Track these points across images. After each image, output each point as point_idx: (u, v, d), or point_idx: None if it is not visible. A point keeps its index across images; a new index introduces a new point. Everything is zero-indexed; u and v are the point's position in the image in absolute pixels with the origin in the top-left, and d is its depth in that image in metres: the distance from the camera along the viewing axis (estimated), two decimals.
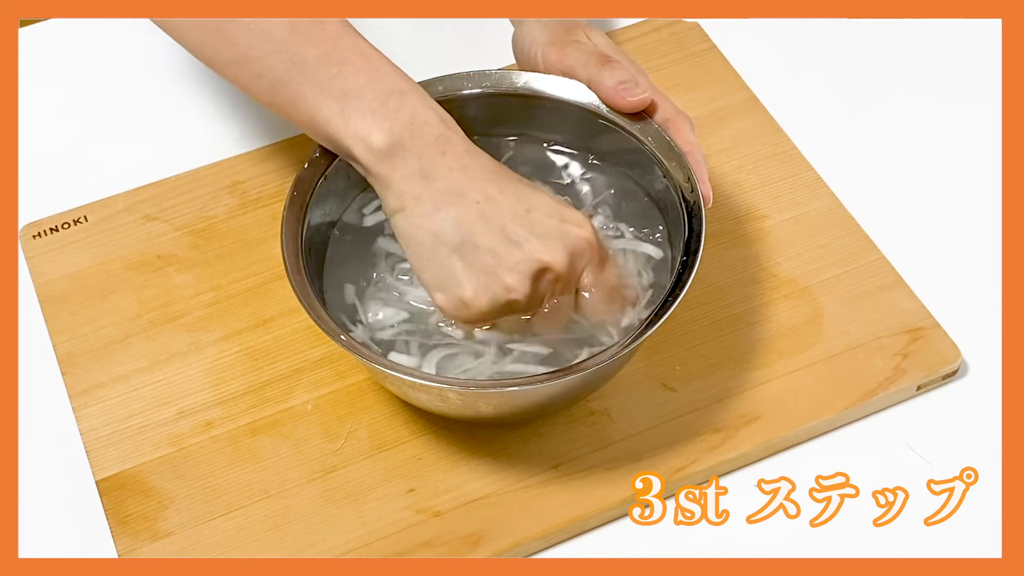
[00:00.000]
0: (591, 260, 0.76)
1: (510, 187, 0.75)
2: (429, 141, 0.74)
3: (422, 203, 0.74)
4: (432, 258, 0.74)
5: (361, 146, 0.74)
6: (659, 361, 0.83)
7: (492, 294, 0.74)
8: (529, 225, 0.74)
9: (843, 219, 0.89)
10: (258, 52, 0.75)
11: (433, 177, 0.74)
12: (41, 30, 1.03)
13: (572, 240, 0.75)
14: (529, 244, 0.74)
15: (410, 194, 0.74)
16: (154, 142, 0.96)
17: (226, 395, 0.82)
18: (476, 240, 0.73)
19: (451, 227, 0.73)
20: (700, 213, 0.76)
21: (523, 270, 0.74)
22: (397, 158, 0.74)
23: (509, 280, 0.74)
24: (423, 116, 0.74)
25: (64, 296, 0.87)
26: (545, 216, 0.74)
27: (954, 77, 1.00)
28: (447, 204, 0.74)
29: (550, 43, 0.82)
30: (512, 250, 0.73)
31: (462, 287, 0.74)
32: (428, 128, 0.74)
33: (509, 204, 0.74)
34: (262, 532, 0.77)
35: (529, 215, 0.74)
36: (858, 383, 0.82)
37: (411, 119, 0.74)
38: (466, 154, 0.75)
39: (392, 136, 0.74)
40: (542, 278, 0.74)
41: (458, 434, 0.80)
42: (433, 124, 0.75)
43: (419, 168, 0.74)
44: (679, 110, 0.80)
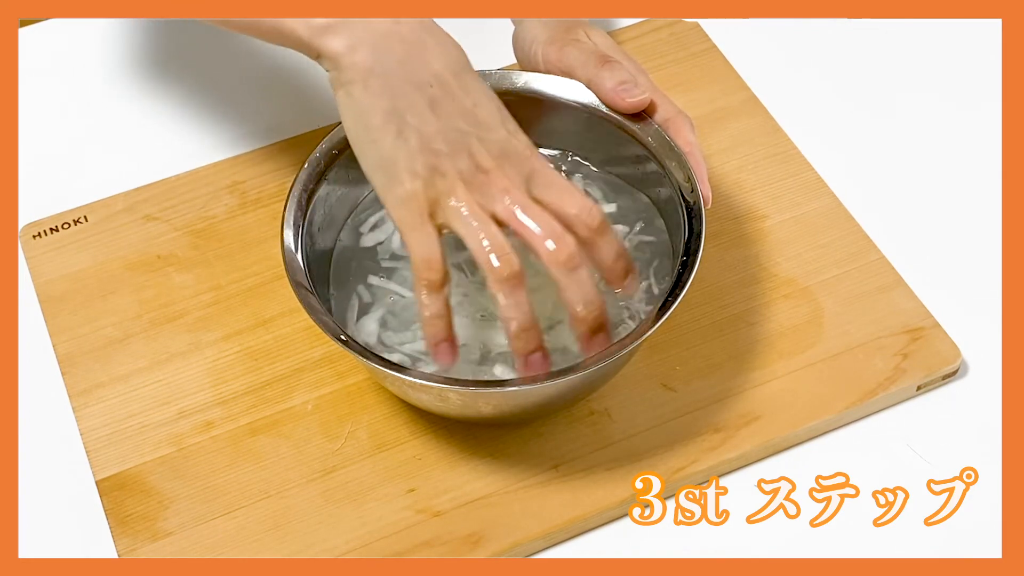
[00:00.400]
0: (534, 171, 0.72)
1: (463, 76, 0.72)
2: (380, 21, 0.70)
3: (373, 76, 0.70)
4: (378, 141, 0.70)
5: (303, 25, 0.70)
6: (659, 361, 0.83)
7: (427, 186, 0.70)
8: (474, 123, 0.71)
9: (843, 219, 0.89)
10: None
11: (385, 48, 0.70)
12: (41, 30, 1.03)
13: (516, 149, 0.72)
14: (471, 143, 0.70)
15: (360, 66, 0.70)
16: (154, 142, 0.96)
17: (226, 395, 0.82)
18: (422, 127, 0.70)
19: (400, 109, 0.70)
20: (700, 213, 0.76)
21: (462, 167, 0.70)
22: (343, 28, 0.69)
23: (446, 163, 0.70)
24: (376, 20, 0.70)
25: (64, 296, 0.87)
26: (489, 116, 0.71)
27: (954, 77, 1.00)
28: (399, 81, 0.70)
29: (550, 42, 0.82)
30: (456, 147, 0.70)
31: (401, 174, 0.70)
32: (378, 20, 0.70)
33: (459, 96, 0.71)
34: (262, 532, 0.77)
35: (475, 111, 0.71)
36: (858, 383, 0.82)
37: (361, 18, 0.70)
38: (421, 26, 0.71)
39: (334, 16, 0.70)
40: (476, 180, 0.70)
41: (458, 434, 0.80)
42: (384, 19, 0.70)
43: (369, 40, 0.70)
44: (679, 110, 0.80)
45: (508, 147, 0.71)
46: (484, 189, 0.71)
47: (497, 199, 0.71)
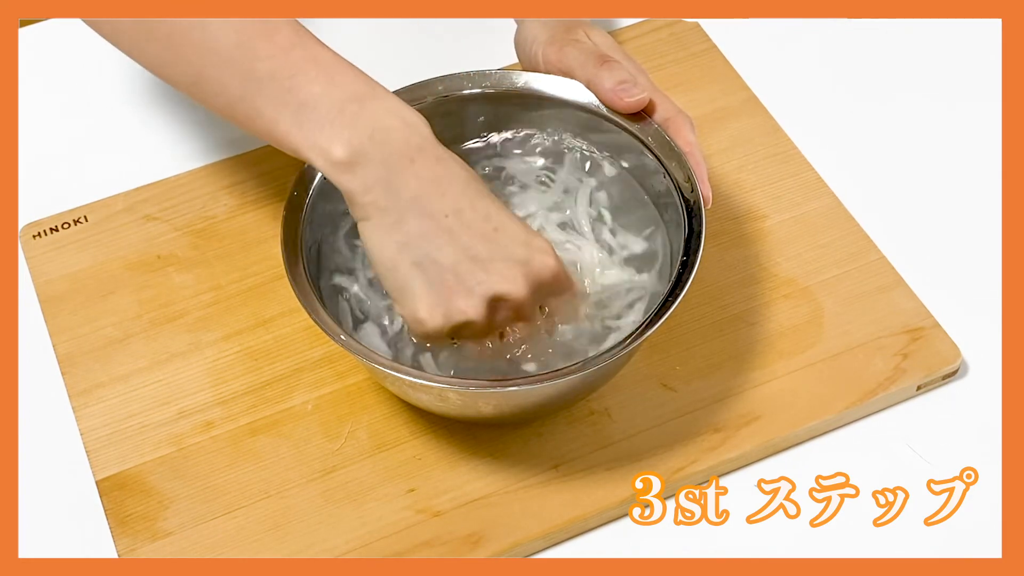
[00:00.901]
0: (553, 291, 0.75)
1: (480, 203, 0.73)
2: (395, 148, 0.72)
3: (387, 214, 0.72)
4: (394, 269, 0.73)
5: (321, 159, 0.72)
6: (659, 361, 0.83)
7: (446, 312, 0.73)
8: (495, 247, 0.73)
9: (843, 219, 0.90)
10: (212, 71, 0.73)
11: (399, 187, 0.72)
12: (41, 30, 1.03)
13: (536, 268, 0.74)
14: (491, 268, 0.72)
15: (374, 205, 0.72)
16: (154, 142, 0.96)
17: (226, 395, 0.82)
18: (439, 256, 0.72)
19: (415, 239, 0.72)
20: (700, 213, 0.76)
21: (480, 293, 0.72)
22: (359, 167, 0.71)
23: (464, 303, 0.72)
24: (386, 122, 0.72)
25: (64, 296, 0.87)
26: (511, 239, 0.73)
27: (954, 77, 1.00)
28: (414, 215, 0.72)
29: (550, 42, 0.82)
30: (474, 271, 0.72)
31: (418, 302, 0.73)
32: (393, 135, 0.72)
33: (478, 222, 0.73)
34: (262, 532, 0.77)
35: (496, 235, 0.73)
36: (858, 383, 0.82)
37: (372, 127, 0.71)
38: (437, 162, 0.73)
39: (351, 147, 0.71)
40: (499, 304, 0.73)
41: (458, 434, 0.80)
42: (398, 130, 0.72)
43: (384, 178, 0.71)
44: (679, 109, 0.80)
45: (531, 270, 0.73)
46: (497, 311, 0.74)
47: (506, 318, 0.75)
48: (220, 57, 0.72)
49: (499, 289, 0.73)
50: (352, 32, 0.81)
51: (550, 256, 0.74)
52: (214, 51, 0.72)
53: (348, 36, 0.77)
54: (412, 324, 0.74)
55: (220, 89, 0.73)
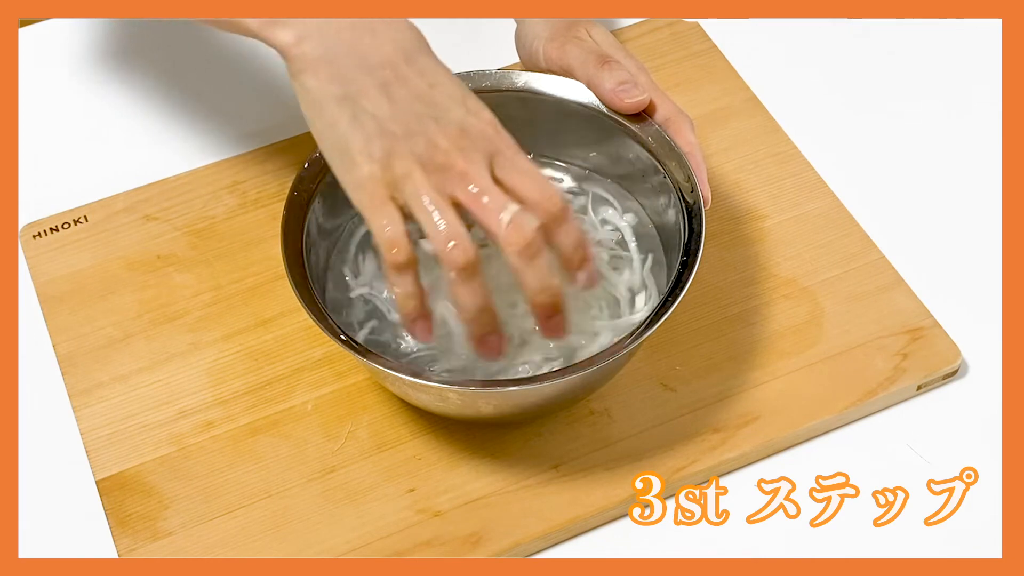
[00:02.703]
0: (496, 151, 0.70)
1: (418, 58, 0.71)
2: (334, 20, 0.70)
3: (322, 64, 0.69)
4: (333, 126, 0.70)
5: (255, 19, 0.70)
6: (659, 361, 0.83)
7: (384, 162, 0.69)
8: (430, 104, 0.70)
9: (843, 219, 0.89)
10: None
11: (333, 36, 0.69)
12: (41, 30, 1.03)
13: (471, 124, 0.70)
14: (427, 122, 0.69)
15: (309, 56, 0.69)
16: (154, 142, 0.96)
17: (226, 395, 0.82)
18: (376, 111, 0.69)
19: (352, 95, 0.69)
20: (700, 213, 0.76)
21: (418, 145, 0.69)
22: (290, 20, 0.69)
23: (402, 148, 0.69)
24: None
25: (64, 296, 0.87)
26: (447, 96, 0.71)
27: (954, 77, 1.00)
28: (349, 68, 0.69)
29: (551, 39, 0.82)
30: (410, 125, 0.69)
31: (356, 154, 0.69)
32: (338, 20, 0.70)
33: (414, 77, 0.70)
34: (262, 532, 0.77)
35: (432, 91, 0.70)
36: (858, 383, 0.82)
37: None
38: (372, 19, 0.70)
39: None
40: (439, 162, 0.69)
41: (458, 434, 0.80)
42: None
43: (317, 26, 0.69)
44: (679, 110, 0.80)
45: (468, 126, 0.70)
46: (442, 172, 0.69)
47: (456, 182, 0.69)
48: None
49: (435, 141, 0.69)
50: None
51: (485, 112, 0.72)
52: None
53: None
54: (353, 184, 0.70)
55: None
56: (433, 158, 0.69)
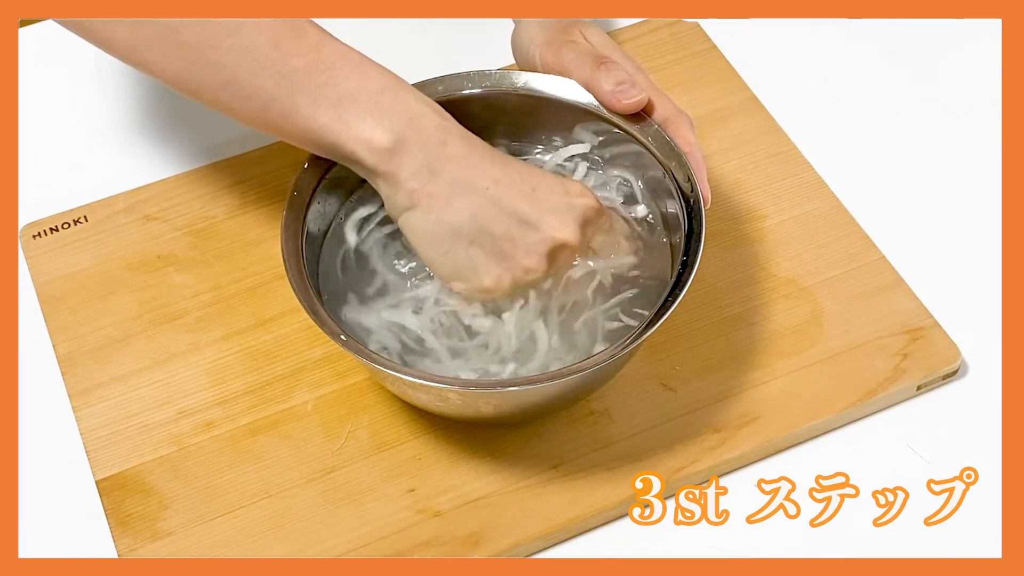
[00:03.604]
0: (599, 226, 0.77)
1: (513, 167, 0.76)
2: (430, 133, 0.74)
3: (434, 198, 0.74)
4: (450, 251, 0.75)
5: (364, 148, 0.74)
6: (659, 361, 0.83)
7: (513, 278, 0.76)
8: (538, 203, 0.75)
9: (843, 219, 0.90)
10: (245, 72, 0.73)
11: (440, 169, 0.74)
12: (41, 30, 1.03)
13: (580, 211, 0.76)
14: (543, 223, 0.75)
15: (421, 191, 0.74)
16: (154, 142, 0.96)
17: (226, 395, 0.82)
18: (492, 228, 0.74)
19: (467, 218, 0.74)
20: (700, 213, 0.76)
21: (541, 251, 0.75)
22: (402, 154, 0.74)
23: (528, 263, 0.75)
24: (419, 109, 0.74)
25: (64, 296, 0.87)
26: (550, 192, 0.76)
27: (954, 77, 1.00)
28: (459, 195, 0.74)
29: (547, 43, 0.82)
30: (527, 232, 0.75)
31: (482, 276, 0.75)
32: (427, 120, 0.74)
33: (516, 185, 0.75)
34: (262, 532, 0.77)
35: (536, 193, 0.75)
36: (858, 383, 0.82)
37: (408, 115, 0.74)
38: (464, 141, 0.75)
39: (394, 133, 0.73)
40: (559, 254, 0.76)
41: (458, 434, 0.80)
42: (430, 116, 0.75)
43: (425, 162, 0.74)
44: (679, 109, 0.80)
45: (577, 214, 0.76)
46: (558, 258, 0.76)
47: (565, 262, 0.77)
48: (255, 56, 0.73)
49: (556, 239, 0.75)
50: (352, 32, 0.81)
51: (588, 196, 0.77)
52: (248, 51, 0.73)
53: (348, 36, 0.77)
54: (478, 295, 0.77)
55: (254, 91, 0.74)
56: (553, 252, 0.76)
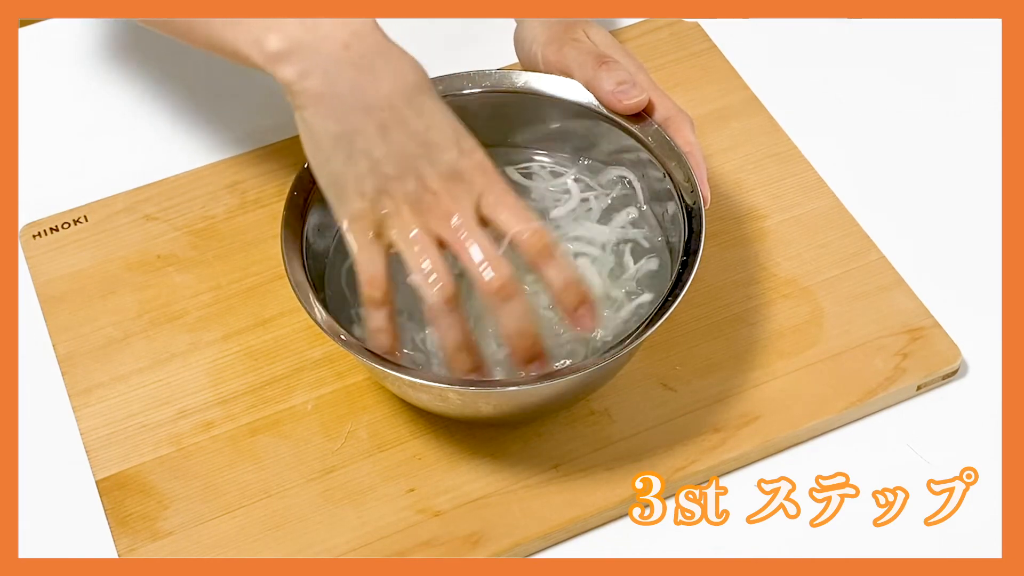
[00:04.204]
0: (485, 191, 0.72)
1: (416, 98, 0.72)
2: (328, 32, 0.70)
3: (322, 102, 0.70)
4: (328, 162, 0.72)
5: (256, 50, 0.71)
6: (659, 361, 0.83)
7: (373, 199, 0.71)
8: (425, 146, 0.71)
9: (843, 219, 0.90)
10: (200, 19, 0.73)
11: (335, 75, 0.70)
12: (41, 30, 1.03)
13: (462, 167, 0.72)
14: (420, 164, 0.71)
15: (310, 93, 0.70)
16: (154, 142, 0.96)
17: (226, 395, 0.82)
18: (371, 150, 0.71)
19: (349, 134, 0.71)
20: (700, 213, 0.76)
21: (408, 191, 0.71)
22: (295, 55, 0.70)
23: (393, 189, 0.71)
24: (330, 20, 0.71)
25: (64, 296, 0.87)
26: (442, 137, 0.72)
27: (954, 77, 1.00)
28: (349, 108, 0.71)
29: (548, 42, 0.82)
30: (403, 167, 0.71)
31: (349, 197, 0.72)
32: (330, 26, 0.70)
33: (412, 119, 0.71)
34: (262, 532, 0.77)
35: (428, 133, 0.71)
36: (858, 383, 0.82)
37: (314, 22, 0.70)
38: (375, 47, 0.71)
39: (287, 35, 0.70)
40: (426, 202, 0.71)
41: (458, 434, 0.80)
42: (337, 22, 0.71)
43: (320, 64, 0.70)
44: (679, 109, 0.80)
45: (459, 167, 0.72)
46: (430, 211, 0.71)
47: (442, 222, 0.72)
48: None
49: (428, 189, 0.71)
50: None
51: (477, 152, 0.73)
52: None
53: None
54: (341, 214, 0.73)
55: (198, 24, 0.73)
56: (422, 198, 0.71)
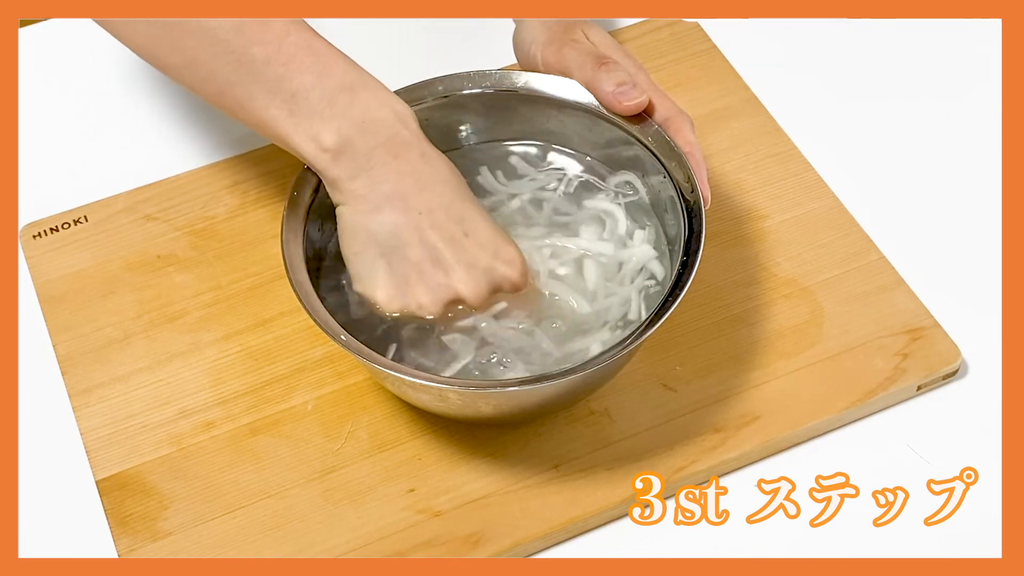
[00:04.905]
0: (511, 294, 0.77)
1: (456, 205, 0.75)
2: (381, 141, 0.74)
3: (365, 201, 0.74)
4: (361, 253, 0.75)
5: (311, 146, 0.74)
6: (659, 361, 0.83)
7: (403, 305, 0.76)
8: (461, 251, 0.74)
9: (843, 219, 0.90)
10: (205, 55, 0.73)
11: (380, 179, 0.74)
12: (41, 30, 1.03)
13: (498, 278, 0.76)
14: (454, 272, 0.74)
15: (355, 192, 0.74)
16: (154, 142, 0.96)
17: (226, 395, 0.82)
18: (405, 251, 0.74)
19: (386, 232, 0.74)
20: (700, 213, 0.76)
21: (438, 296, 0.75)
22: (346, 157, 0.73)
23: (422, 300, 0.75)
24: (376, 114, 0.74)
25: (64, 296, 0.87)
26: (479, 246, 0.75)
27: (954, 77, 1.00)
28: (388, 209, 0.74)
29: (548, 43, 0.82)
30: (435, 272, 0.74)
31: (377, 289, 0.75)
32: (381, 127, 0.73)
33: (449, 224, 0.74)
34: (262, 532, 0.77)
35: (465, 240, 0.75)
36: (858, 383, 0.82)
37: (362, 117, 0.73)
38: (420, 159, 0.74)
39: (341, 136, 0.73)
40: (455, 306, 0.76)
41: (458, 434, 0.80)
42: (387, 123, 0.74)
43: (368, 168, 0.74)
44: (679, 109, 0.80)
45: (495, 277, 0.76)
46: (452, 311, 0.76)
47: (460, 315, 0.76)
48: (215, 39, 0.73)
49: (457, 293, 0.75)
50: (352, 32, 0.81)
51: (515, 267, 0.76)
52: (209, 34, 0.73)
53: (348, 36, 0.77)
54: (367, 301, 0.76)
55: (211, 74, 0.74)
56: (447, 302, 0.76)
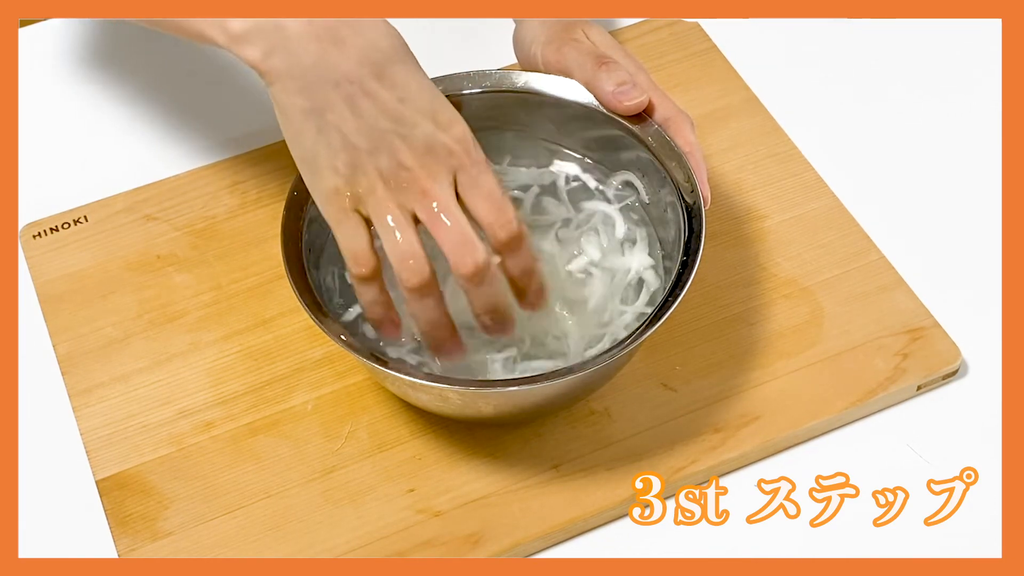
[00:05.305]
0: (461, 168, 0.71)
1: (388, 69, 0.70)
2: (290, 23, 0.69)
3: (290, 79, 0.69)
4: (300, 135, 0.71)
5: (220, 32, 0.70)
6: (659, 361, 0.83)
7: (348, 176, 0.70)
8: (398, 119, 0.70)
9: (843, 219, 0.90)
10: None
11: (299, 51, 0.69)
12: (41, 30, 1.03)
13: (440, 141, 0.71)
14: (393, 139, 0.70)
15: (276, 71, 0.69)
16: (154, 142, 0.96)
17: (226, 395, 0.82)
18: (341, 125, 0.70)
19: (318, 109, 0.70)
20: (700, 213, 0.76)
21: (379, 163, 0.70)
22: (256, 34, 0.69)
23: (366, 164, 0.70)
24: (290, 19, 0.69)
25: (64, 296, 0.87)
26: (416, 110, 0.70)
27: (954, 77, 1.00)
28: (315, 83, 0.69)
29: (548, 42, 0.82)
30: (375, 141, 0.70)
31: (322, 167, 0.70)
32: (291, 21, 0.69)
33: (382, 91, 0.70)
34: (262, 532, 0.77)
35: (401, 106, 0.70)
36: (858, 383, 0.82)
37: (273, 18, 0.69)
38: (343, 23, 0.70)
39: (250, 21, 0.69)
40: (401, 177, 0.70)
41: (458, 434, 0.80)
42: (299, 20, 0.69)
43: (282, 42, 0.69)
44: (679, 109, 0.80)
45: (434, 143, 0.71)
46: (405, 188, 0.70)
47: (418, 200, 0.71)
48: None
49: (399, 158, 0.70)
50: None
51: (456, 126, 0.72)
52: None
53: None
54: (319, 195, 0.72)
55: None
56: (396, 175, 0.70)
